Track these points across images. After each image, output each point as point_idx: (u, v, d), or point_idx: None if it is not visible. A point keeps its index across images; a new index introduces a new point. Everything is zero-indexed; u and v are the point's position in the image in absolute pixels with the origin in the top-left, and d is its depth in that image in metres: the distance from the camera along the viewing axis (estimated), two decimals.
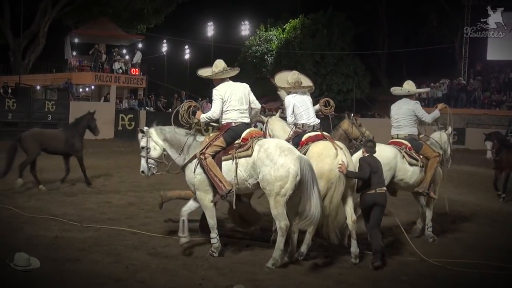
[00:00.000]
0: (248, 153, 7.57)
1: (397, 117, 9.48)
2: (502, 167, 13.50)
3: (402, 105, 9.52)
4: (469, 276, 7.32)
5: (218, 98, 7.91)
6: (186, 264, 7.42)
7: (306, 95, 8.92)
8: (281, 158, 7.31)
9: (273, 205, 7.36)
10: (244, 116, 7.99)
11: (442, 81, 35.30)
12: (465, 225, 10.68)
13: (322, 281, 6.91)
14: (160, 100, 35.54)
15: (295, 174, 7.25)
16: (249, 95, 8.13)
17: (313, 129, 8.55)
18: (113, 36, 37.08)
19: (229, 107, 7.92)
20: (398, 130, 9.43)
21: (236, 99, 7.93)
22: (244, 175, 7.60)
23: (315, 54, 41.19)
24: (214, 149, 7.80)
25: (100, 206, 11.18)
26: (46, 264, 6.81)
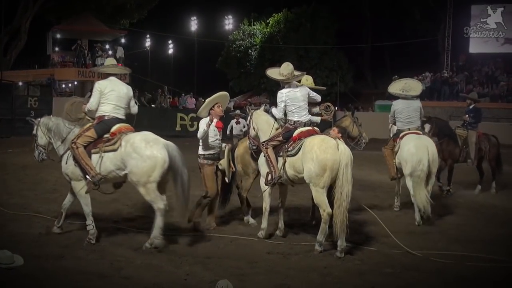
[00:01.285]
0: (115, 147, 7.93)
1: (409, 114, 10.62)
2: (443, 157, 12.87)
3: (412, 103, 10.69)
4: (453, 268, 7.36)
5: (97, 91, 8.27)
6: (171, 259, 7.39)
7: (299, 89, 8.75)
8: (147, 150, 7.80)
9: (144, 192, 7.95)
10: (119, 112, 8.28)
11: (425, 74, 35.48)
12: (448, 217, 10.74)
13: (307, 274, 6.92)
14: (144, 95, 35.38)
15: (162, 162, 7.81)
16: (130, 99, 8.51)
17: (304, 125, 8.56)
18: (96, 32, 36.86)
19: (106, 101, 8.21)
20: (409, 125, 10.61)
21: (115, 95, 8.26)
22: (112, 168, 7.99)
23: (298, 48, 41.25)
24: (85, 139, 8.08)
25: None
26: (30, 262, 6.76)
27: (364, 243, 8.46)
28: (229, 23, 48.71)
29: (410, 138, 10.37)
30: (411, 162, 10.03)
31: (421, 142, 10.20)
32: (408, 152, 10.14)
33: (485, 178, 13.68)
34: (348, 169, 7.76)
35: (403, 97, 10.77)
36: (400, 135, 10.69)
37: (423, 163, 9.95)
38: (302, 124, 8.54)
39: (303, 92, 8.72)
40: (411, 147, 10.15)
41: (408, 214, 10.83)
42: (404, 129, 10.66)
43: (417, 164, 9.95)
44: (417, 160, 9.96)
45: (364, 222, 9.83)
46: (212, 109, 8.86)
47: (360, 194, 12.61)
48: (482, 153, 13.30)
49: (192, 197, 8.86)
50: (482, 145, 13.24)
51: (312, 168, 7.84)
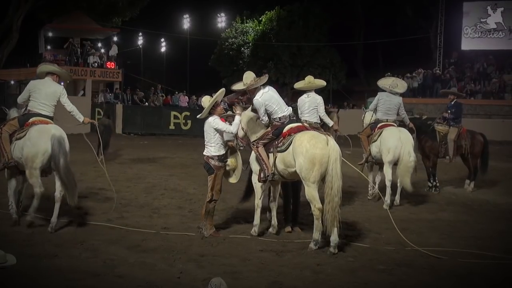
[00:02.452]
0: (21, 135, 8.85)
1: (390, 107, 11.87)
2: (425, 154, 13.32)
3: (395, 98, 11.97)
4: (446, 264, 7.41)
5: (27, 89, 9.29)
6: (164, 257, 7.41)
7: (268, 88, 8.76)
8: (35, 139, 8.67)
9: (28, 175, 8.83)
10: (43, 108, 9.11)
11: (418, 71, 35.51)
12: (441, 213, 10.81)
13: (299, 271, 6.95)
14: (136, 93, 35.30)
15: (43, 151, 8.64)
16: (60, 96, 9.29)
17: (290, 118, 8.59)
18: (88, 30, 36.68)
19: (33, 98, 9.13)
20: (388, 116, 11.88)
21: (42, 93, 9.14)
22: (18, 154, 8.84)
23: (291, 45, 41.23)
24: (9, 127, 9.18)
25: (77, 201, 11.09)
26: (23, 261, 6.74)
27: (357, 240, 8.49)
28: (222, 21, 48.62)
29: (393, 131, 11.59)
30: (394, 153, 11.29)
31: (404, 136, 11.42)
32: (393, 144, 11.31)
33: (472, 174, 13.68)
34: (338, 164, 7.82)
35: (389, 91, 11.95)
36: (379, 125, 11.85)
37: (411, 155, 11.23)
38: (287, 117, 8.58)
39: (272, 90, 8.81)
40: (396, 140, 11.33)
41: (400, 210, 10.90)
42: (383, 119, 11.89)
43: (408, 156, 11.16)
44: (406, 152, 11.19)
45: (356, 218, 9.87)
46: (214, 108, 8.72)
47: (353, 191, 12.69)
48: (462, 150, 13.27)
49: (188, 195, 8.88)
50: (462, 142, 13.20)
51: (302, 162, 7.90)
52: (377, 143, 11.69)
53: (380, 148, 11.58)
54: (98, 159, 12.35)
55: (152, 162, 17.82)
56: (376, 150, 11.74)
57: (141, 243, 8.09)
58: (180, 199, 11.60)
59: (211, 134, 8.54)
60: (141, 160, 18.29)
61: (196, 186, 12.69)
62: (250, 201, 9.72)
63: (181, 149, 22.35)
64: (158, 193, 12.22)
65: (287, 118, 8.60)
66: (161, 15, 51.41)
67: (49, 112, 9.20)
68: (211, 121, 8.55)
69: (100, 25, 37.75)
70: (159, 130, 29.96)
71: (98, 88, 35.17)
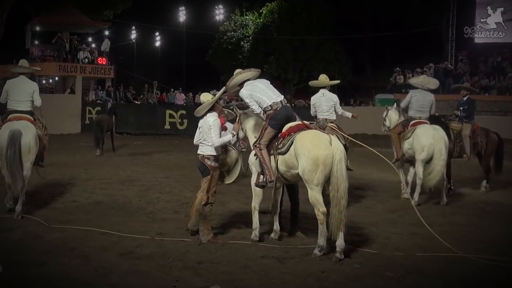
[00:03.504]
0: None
1: (423, 104, 12.45)
2: None
3: (427, 95, 12.56)
4: (457, 270, 7.42)
5: (5, 89, 10.53)
6: (159, 265, 7.42)
7: (257, 80, 8.89)
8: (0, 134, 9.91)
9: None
10: (19, 105, 10.41)
11: (429, 65, 35.51)
12: (452, 217, 10.81)
13: (303, 279, 6.96)
14: (129, 91, 35.34)
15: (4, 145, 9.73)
16: (31, 94, 10.50)
17: (282, 104, 8.58)
18: (78, 24, 36.62)
19: (10, 97, 10.45)
20: (420, 114, 12.44)
21: (16, 92, 10.44)
22: None
23: (293, 39, 41.20)
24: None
25: (67, 205, 11.15)
26: (9, 269, 6.78)
27: (364, 245, 8.50)
28: (220, 13, 48.71)
29: (427, 128, 12.03)
30: (428, 151, 11.75)
31: (438, 134, 11.85)
32: (427, 142, 11.78)
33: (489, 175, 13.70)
34: (343, 165, 7.81)
35: (421, 88, 12.58)
36: (412, 122, 12.36)
37: (442, 153, 11.70)
38: (279, 104, 8.55)
39: (262, 80, 8.91)
40: (430, 137, 11.78)
41: (410, 214, 10.88)
42: (416, 117, 12.40)
43: (439, 155, 11.67)
44: (438, 150, 11.69)
45: (363, 222, 9.89)
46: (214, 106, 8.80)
47: (360, 193, 12.71)
48: (479, 147, 13.30)
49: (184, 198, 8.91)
50: (478, 139, 13.24)
51: (305, 163, 7.88)
52: (410, 141, 12.15)
53: (413, 146, 12.04)
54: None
55: (146, 164, 17.84)
56: (408, 147, 12.20)
57: (134, 250, 8.10)
58: (176, 203, 11.61)
59: (208, 133, 8.61)
60: (135, 162, 18.32)
61: (193, 189, 12.68)
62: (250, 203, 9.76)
63: (177, 150, 22.36)
64: (153, 197, 12.23)
65: (279, 104, 8.55)
66: (155, 8, 51.48)
67: (26, 107, 10.48)
68: (210, 121, 8.61)
69: (90, 18, 37.65)
70: (153, 130, 29.93)
71: (88, 85, 35.17)
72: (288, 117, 8.60)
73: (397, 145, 12.58)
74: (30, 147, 10.02)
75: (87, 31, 38.76)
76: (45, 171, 13.36)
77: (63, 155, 18.29)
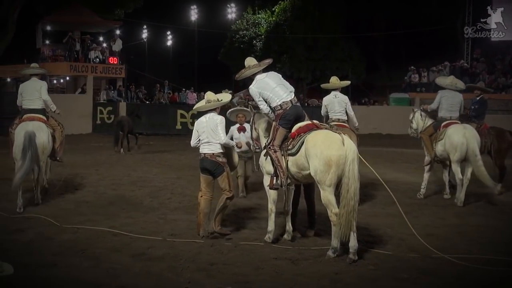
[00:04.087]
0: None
1: (453, 103, 12.56)
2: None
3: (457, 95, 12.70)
4: (474, 273, 7.36)
5: (19, 91, 11.77)
6: (171, 266, 7.42)
7: (266, 75, 8.84)
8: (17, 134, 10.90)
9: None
10: (30, 104, 11.49)
11: (445, 64, 35.36)
12: (469, 218, 10.73)
13: (317, 281, 6.93)
14: (141, 90, 35.41)
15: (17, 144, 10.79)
16: (39, 91, 11.57)
17: (292, 103, 8.55)
18: (89, 23, 36.79)
19: (23, 98, 11.58)
20: (451, 113, 12.56)
21: (28, 92, 11.56)
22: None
23: (307, 38, 41.21)
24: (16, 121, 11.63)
25: (78, 206, 11.19)
26: (20, 270, 6.80)
27: (378, 247, 8.46)
28: (232, 11, 48.73)
29: (458, 128, 12.15)
30: (461, 151, 11.89)
31: (469, 133, 12.01)
32: (459, 141, 11.91)
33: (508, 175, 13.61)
34: (355, 165, 7.76)
35: (450, 88, 12.68)
36: (444, 123, 12.43)
37: (476, 154, 11.81)
38: (289, 103, 8.52)
39: (272, 75, 8.83)
40: (461, 137, 11.92)
41: (425, 215, 10.85)
42: (446, 117, 12.50)
43: (474, 156, 11.78)
44: (471, 151, 11.81)
45: (378, 223, 9.85)
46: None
47: (374, 194, 12.67)
48: (487, 147, 13.16)
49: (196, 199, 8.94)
50: (482, 140, 13.15)
51: (317, 164, 7.85)
52: (442, 142, 12.27)
53: (446, 147, 12.15)
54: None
55: (158, 164, 17.89)
56: (441, 149, 12.30)
57: (146, 251, 8.11)
58: (188, 203, 11.61)
59: (215, 131, 8.87)
60: (146, 162, 18.36)
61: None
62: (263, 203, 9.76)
63: (189, 150, 22.24)
64: (165, 197, 12.26)
65: (288, 104, 8.53)
66: (166, 7, 51.58)
67: (38, 105, 11.53)
68: (217, 119, 8.92)
69: (101, 17, 37.85)
70: (165, 130, 29.98)
71: (100, 85, 35.27)
72: (298, 116, 8.58)
73: (429, 147, 12.66)
74: (44, 147, 11.08)
75: (98, 30, 38.89)
76: (57, 171, 13.48)
77: (74, 156, 18.34)
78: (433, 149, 12.48)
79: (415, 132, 13.59)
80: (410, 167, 17.42)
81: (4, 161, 13.64)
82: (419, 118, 13.42)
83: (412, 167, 17.31)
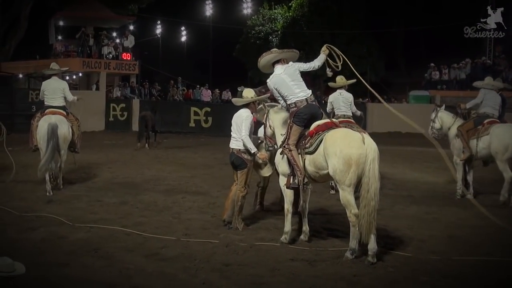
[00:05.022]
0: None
1: (495, 102, 12.76)
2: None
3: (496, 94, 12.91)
4: (496, 276, 7.32)
5: (41, 89, 13.22)
6: (185, 267, 7.43)
7: (284, 69, 8.80)
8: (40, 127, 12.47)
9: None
10: (53, 101, 12.88)
11: (465, 61, 35.13)
12: (490, 220, 10.62)
13: (334, 283, 6.91)
14: (154, 87, 35.47)
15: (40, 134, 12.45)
16: (62, 91, 12.96)
17: (308, 102, 8.53)
18: (102, 18, 36.88)
19: (45, 95, 12.99)
20: (495, 111, 12.70)
21: (50, 90, 12.92)
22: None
23: (324, 33, 41.09)
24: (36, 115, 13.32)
25: (91, 205, 11.22)
26: (32, 270, 6.82)
27: (398, 248, 8.42)
28: (247, 7, 48.72)
29: (508, 127, 12.19)
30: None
31: None
32: (511, 141, 11.94)
33: None
34: (375, 165, 7.73)
35: (490, 89, 12.84)
36: (487, 120, 12.44)
37: None
38: (304, 101, 8.52)
39: (290, 70, 8.77)
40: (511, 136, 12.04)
41: (446, 216, 10.79)
42: (490, 114, 12.57)
43: None
44: None
45: (398, 224, 9.80)
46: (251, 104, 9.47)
47: (393, 194, 12.62)
48: None
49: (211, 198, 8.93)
50: None
51: (336, 163, 7.83)
52: (486, 139, 12.21)
53: (494, 146, 12.09)
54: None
55: (171, 163, 17.92)
56: (483, 146, 12.28)
57: (160, 251, 8.13)
58: (202, 202, 11.63)
59: (240, 127, 9.18)
60: (160, 160, 18.40)
61: (219, 188, 12.72)
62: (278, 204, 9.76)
63: (203, 148, 22.45)
64: (179, 196, 12.27)
65: (303, 102, 8.52)
66: (181, 1, 51.66)
67: (59, 103, 12.98)
68: (243, 116, 9.20)
69: (115, 12, 37.94)
70: (178, 128, 29.98)
71: (113, 81, 35.37)
72: (313, 115, 8.57)
73: (465, 143, 12.54)
74: (65, 137, 12.58)
75: (112, 25, 38.93)
76: (69, 169, 13.56)
77: (86, 153, 18.35)
78: (469, 145, 12.44)
79: (437, 132, 13.28)
80: (430, 167, 17.32)
81: (17, 158, 13.72)
82: (444, 117, 13.18)
83: (432, 166, 17.21)
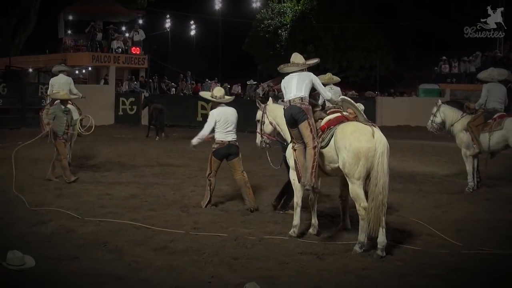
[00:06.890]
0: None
1: (501, 95, 12.74)
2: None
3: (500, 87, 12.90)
4: (505, 269, 7.30)
5: (50, 84, 15.04)
6: (193, 260, 7.44)
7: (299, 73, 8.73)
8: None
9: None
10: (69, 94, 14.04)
11: (476, 54, 34.96)
12: (500, 213, 10.62)
13: (343, 276, 6.91)
14: (164, 81, 35.47)
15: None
16: (70, 85, 14.79)
17: (290, 103, 8.46)
18: (111, 12, 36.91)
19: (54, 90, 14.22)
20: (501, 105, 12.72)
21: (57, 85, 14.44)
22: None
23: (333, 27, 40.97)
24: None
25: (100, 198, 11.26)
26: (42, 263, 6.85)
27: (407, 242, 8.41)
28: (257, 0, 48.57)
29: None
30: None
31: None
32: None
33: None
34: (385, 159, 7.74)
35: (491, 81, 12.83)
36: (498, 114, 12.49)
37: None
38: (287, 102, 8.51)
39: (302, 76, 8.67)
40: None
41: (455, 210, 10.76)
42: (498, 108, 12.61)
43: None
44: None
45: (407, 218, 9.79)
46: None
47: (402, 188, 12.60)
48: None
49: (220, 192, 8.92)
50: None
51: (346, 157, 7.85)
52: (502, 133, 12.30)
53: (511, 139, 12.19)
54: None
55: (180, 156, 17.92)
56: (497, 140, 12.36)
57: (169, 245, 8.15)
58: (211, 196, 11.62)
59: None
60: (169, 154, 18.42)
61: (228, 182, 12.71)
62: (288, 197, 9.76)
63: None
64: (188, 190, 12.30)
65: (287, 103, 8.54)
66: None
67: (70, 96, 14.05)
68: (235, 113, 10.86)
69: (124, 7, 37.90)
70: (186, 122, 29.92)
71: (122, 75, 35.38)
72: (290, 117, 8.48)
73: (474, 139, 12.55)
74: (77, 122, 13.78)
75: (121, 20, 38.92)
76: (78, 163, 13.61)
77: (96, 147, 18.47)
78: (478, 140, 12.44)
79: (436, 126, 13.23)
80: (440, 160, 17.30)
81: (26, 153, 13.79)
82: (447, 111, 13.10)
83: (442, 160, 17.19)
